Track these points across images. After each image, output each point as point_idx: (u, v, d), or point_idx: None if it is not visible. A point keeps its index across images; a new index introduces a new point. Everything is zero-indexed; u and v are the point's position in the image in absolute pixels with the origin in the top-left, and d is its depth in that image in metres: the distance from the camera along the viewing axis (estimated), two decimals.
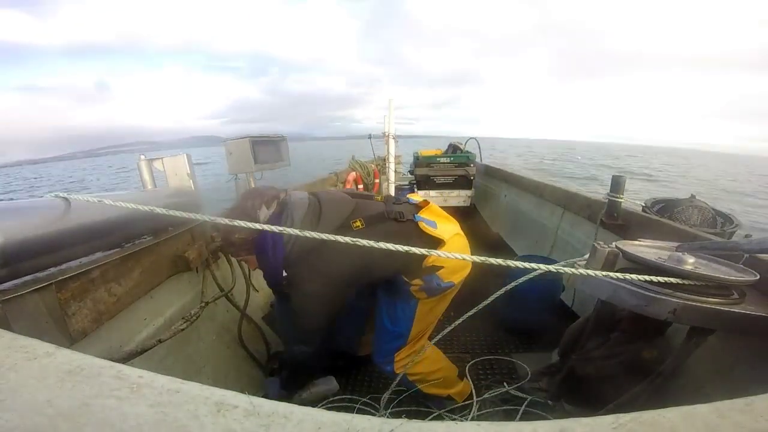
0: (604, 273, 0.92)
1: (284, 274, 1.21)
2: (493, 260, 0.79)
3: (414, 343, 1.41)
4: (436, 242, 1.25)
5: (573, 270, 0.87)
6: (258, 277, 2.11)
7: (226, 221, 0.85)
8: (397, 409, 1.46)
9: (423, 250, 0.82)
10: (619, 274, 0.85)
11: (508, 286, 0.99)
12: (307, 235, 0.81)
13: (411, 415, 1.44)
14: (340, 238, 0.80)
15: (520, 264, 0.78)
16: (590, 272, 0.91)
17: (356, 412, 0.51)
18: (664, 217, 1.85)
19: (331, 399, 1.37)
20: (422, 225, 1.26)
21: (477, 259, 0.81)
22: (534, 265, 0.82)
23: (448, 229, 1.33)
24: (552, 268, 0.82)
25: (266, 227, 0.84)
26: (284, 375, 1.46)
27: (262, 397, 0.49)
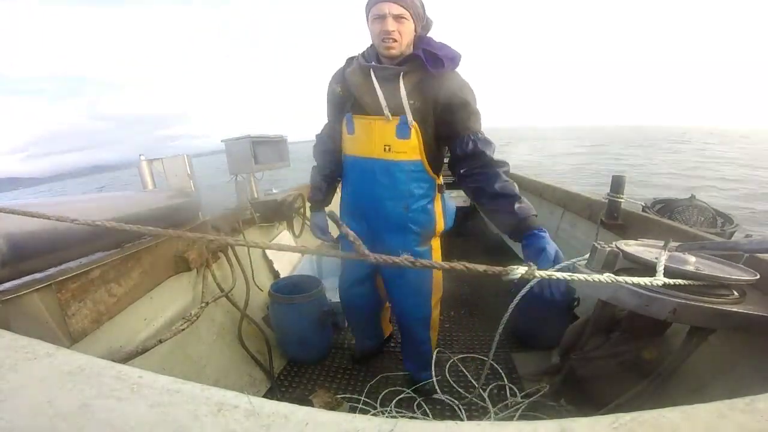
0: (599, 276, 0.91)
1: None
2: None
3: None
4: None
5: (571, 276, 0.84)
6: (258, 277, 2.11)
7: (187, 234, 0.77)
8: (396, 410, 1.45)
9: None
10: (619, 277, 0.84)
11: (520, 294, 0.98)
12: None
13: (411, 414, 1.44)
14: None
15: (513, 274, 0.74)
16: (589, 278, 0.88)
17: (357, 412, 0.51)
18: (664, 217, 1.85)
19: (331, 399, 1.37)
20: None
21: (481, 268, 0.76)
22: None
23: None
24: (546, 274, 0.78)
25: (229, 240, 0.75)
26: None
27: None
